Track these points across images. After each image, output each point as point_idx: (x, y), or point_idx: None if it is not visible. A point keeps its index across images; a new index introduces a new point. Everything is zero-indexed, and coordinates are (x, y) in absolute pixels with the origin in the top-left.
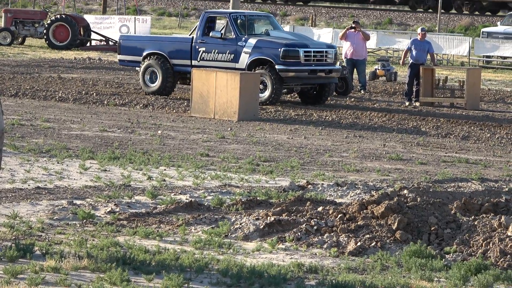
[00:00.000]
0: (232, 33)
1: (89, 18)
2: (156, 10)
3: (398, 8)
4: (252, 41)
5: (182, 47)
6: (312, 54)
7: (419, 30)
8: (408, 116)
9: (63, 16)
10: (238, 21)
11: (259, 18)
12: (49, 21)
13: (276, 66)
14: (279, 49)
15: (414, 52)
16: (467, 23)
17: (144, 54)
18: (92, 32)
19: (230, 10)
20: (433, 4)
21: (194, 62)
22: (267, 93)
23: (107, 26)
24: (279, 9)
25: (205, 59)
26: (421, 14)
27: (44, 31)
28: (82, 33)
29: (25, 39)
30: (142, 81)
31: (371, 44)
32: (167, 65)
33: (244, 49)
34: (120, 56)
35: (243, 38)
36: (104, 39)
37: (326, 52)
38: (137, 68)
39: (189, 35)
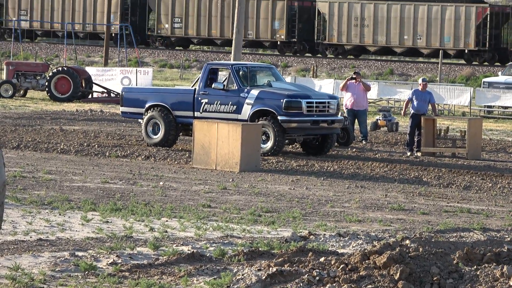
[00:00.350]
0: (235, 84)
1: (90, 70)
2: (158, 62)
3: (399, 58)
4: (255, 92)
5: (185, 98)
6: (315, 105)
7: (420, 81)
8: (410, 166)
9: (65, 69)
10: (240, 72)
11: (261, 69)
12: (51, 74)
13: (279, 117)
14: (282, 100)
15: (415, 103)
16: (468, 73)
17: (147, 106)
18: (93, 84)
19: (232, 61)
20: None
21: (196, 114)
22: (269, 144)
23: (109, 78)
24: (280, 60)
25: (207, 110)
26: (422, 65)
27: (46, 84)
28: (83, 85)
29: (27, 92)
30: (144, 133)
31: (372, 94)
32: (170, 117)
33: (247, 100)
34: (122, 108)
35: (246, 90)
36: (105, 91)
37: (328, 102)
38: (139, 120)
39: (192, 86)
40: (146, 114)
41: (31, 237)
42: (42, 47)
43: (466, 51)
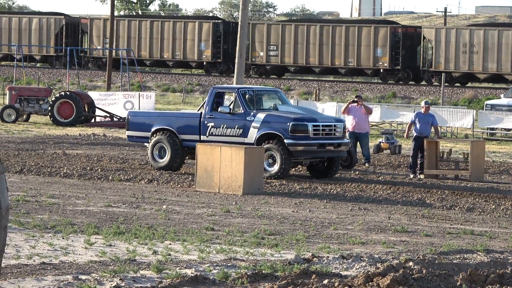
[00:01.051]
0: (241, 108)
1: (93, 94)
2: (160, 86)
3: (403, 82)
4: (261, 115)
5: (191, 122)
6: (321, 128)
7: (422, 104)
8: (413, 188)
9: (68, 93)
10: (247, 96)
11: (267, 93)
12: (53, 98)
13: (285, 140)
14: (288, 124)
15: (418, 125)
16: (470, 96)
17: (153, 129)
18: (96, 109)
19: (238, 85)
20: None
21: (203, 137)
22: (276, 167)
23: (112, 102)
24: (283, 83)
25: (214, 134)
26: (424, 88)
27: (49, 108)
28: (86, 109)
29: (29, 116)
30: (150, 156)
31: (375, 117)
32: (176, 141)
33: (253, 124)
34: (128, 132)
35: (252, 113)
36: (108, 115)
37: (334, 126)
38: (145, 144)
39: (198, 110)
40: (152, 138)
41: (34, 261)
42: (45, 72)
43: None
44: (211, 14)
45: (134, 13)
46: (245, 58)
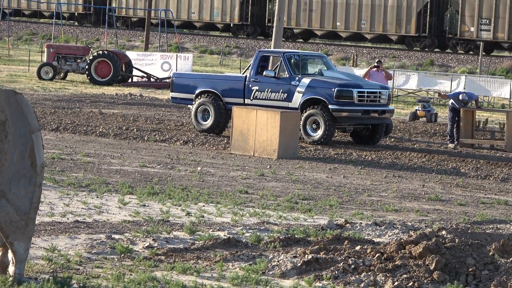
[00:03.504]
0: (286, 72)
1: (131, 54)
2: (198, 48)
3: (440, 50)
4: (306, 80)
5: (235, 85)
6: (366, 94)
7: (466, 98)
8: (448, 157)
9: (105, 52)
10: (292, 60)
11: (312, 58)
12: (91, 57)
13: (330, 106)
14: (333, 89)
15: (455, 103)
16: (508, 66)
17: (197, 92)
18: (133, 69)
19: (284, 50)
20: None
21: (247, 101)
22: (319, 133)
23: (149, 62)
24: (320, 48)
25: (258, 98)
26: (462, 56)
27: (86, 67)
28: (124, 69)
29: (67, 74)
30: (194, 119)
31: (411, 85)
32: (220, 104)
33: (298, 89)
34: (172, 93)
35: (297, 78)
36: (145, 75)
37: (379, 92)
38: (189, 106)
39: (242, 73)
40: (196, 100)
41: (68, 219)
42: (83, 31)
43: None
44: None
45: None
46: (283, 22)
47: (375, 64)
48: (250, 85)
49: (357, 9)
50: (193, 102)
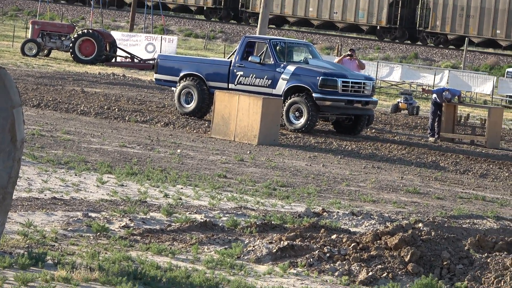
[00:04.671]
0: (271, 59)
1: (116, 34)
2: (183, 31)
3: (424, 43)
4: (291, 68)
5: (220, 70)
6: (350, 84)
7: (448, 96)
8: (428, 150)
9: (90, 31)
10: (278, 47)
11: (298, 45)
12: (76, 35)
13: (314, 94)
14: (318, 78)
15: (438, 98)
16: (492, 62)
17: (181, 74)
18: (118, 49)
19: (270, 36)
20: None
21: (231, 86)
22: (302, 121)
23: (133, 43)
24: (305, 37)
25: (242, 83)
26: (446, 51)
27: (71, 45)
28: (108, 48)
29: (50, 51)
30: (177, 101)
31: (395, 77)
32: (204, 87)
33: (282, 76)
34: (156, 75)
35: (282, 65)
36: (129, 56)
37: (364, 83)
38: (172, 88)
39: (228, 58)
40: (180, 83)
41: (45, 195)
42: (69, 9)
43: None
44: None
45: None
46: (269, 9)
47: (348, 53)
48: (235, 70)
49: None
50: (177, 85)
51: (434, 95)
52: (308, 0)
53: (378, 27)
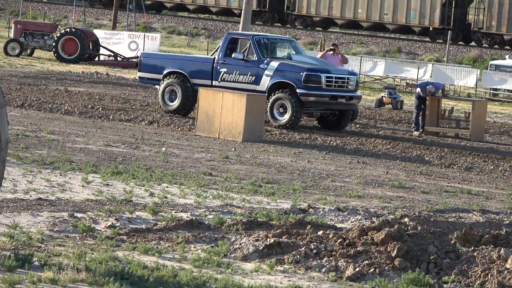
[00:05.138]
0: (255, 55)
1: (98, 33)
2: (166, 28)
3: (408, 37)
4: (274, 64)
5: (203, 67)
6: (334, 80)
7: (432, 90)
8: (413, 144)
9: (73, 30)
10: (261, 43)
11: (281, 41)
12: (58, 34)
13: (297, 90)
14: (301, 73)
15: (421, 92)
16: (475, 55)
17: (165, 72)
18: (101, 47)
19: (253, 32)
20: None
21: (214, 83)
22: (286, 117)
23: (116, 41)
24: (288, 32)
25: (226, 80)
26: (430, 44)
27: (53, 44)
28: (91, 47)
29: (33, 51)
30: (161, 99)
31: (378, 71)
32: (187, 85)
33: (266, 72)
34: (140, 73)
35: (265, 61)
36: (112, 54)
37: (347, 78)
38: (156, 86)
39: (211, 55)
40: (163, 80)
41: (31, 196)
42: (51, 8)
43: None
44: None
45: None
46: (252, 5)
47: (331, 47)
48: (219, 67)
49: None
50: (161, 83)
51: (418, 89)
52: (357, 1)
53: (430, 28)
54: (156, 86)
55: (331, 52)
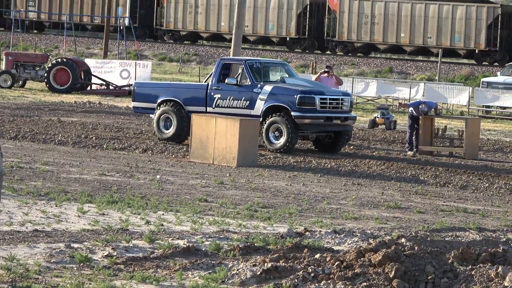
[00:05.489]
0: (248, 80)
1: (90, 62)
2: (157, 55)
3: (399, 56)
4: (268, 88)
5: (197, 94)
6: (328, 101)
7: (425, 109)
8: (407, 164)
9: (64, 60)
10: (254, 68)
11: (274, 65)
12: (50, 65)
13: (292, 113)
14: (295, 96)
15: (414, 111)
16: (467, 73)
17: (159, 100)
18: (92, 76)
19: (246, 57)
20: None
21: (209, 109)
22: (282, 141)
23: (108, 70)
24: (280, 55)
25: (220, 105)
26: (421, 63)
27: (45, 75)
28: (82, 77)
29: (25, 82)
30: (156, 127)
31: (371, 92)
32: (182, 112)
33: (260, 96)
34: (134, 103)
35: (259, 85)
36: (104, 83)
37: (342, 99)
38: (151, 115)
39: (204, 81)
40: (158, 108)
41: (27, 227)
42: (42, 38)
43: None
44: None
45: None
46: (242, 29)
47: (325, 70)
48: (212, 93)
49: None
50: (155, 111)
51: (411, 109)
52: (399, 26)
53: (476, 51)
54: (151, 115)
55: (325, 74)
